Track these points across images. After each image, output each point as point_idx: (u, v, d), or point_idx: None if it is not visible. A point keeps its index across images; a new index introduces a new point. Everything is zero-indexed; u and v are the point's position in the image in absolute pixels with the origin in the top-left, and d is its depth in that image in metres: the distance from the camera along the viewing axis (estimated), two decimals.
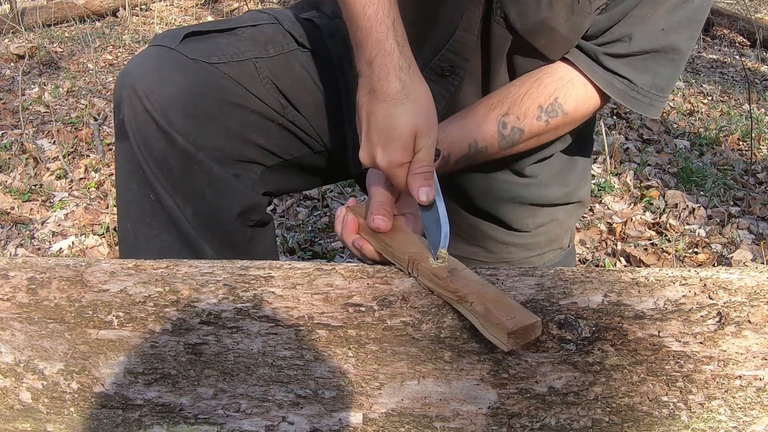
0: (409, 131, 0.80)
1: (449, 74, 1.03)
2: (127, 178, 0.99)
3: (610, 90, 0.98)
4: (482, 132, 0.98)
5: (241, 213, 1.02)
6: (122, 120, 0.96)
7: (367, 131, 0.83)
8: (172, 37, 1.00)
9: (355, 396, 0.66)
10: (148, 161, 0.96)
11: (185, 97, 0.95)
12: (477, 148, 0.98)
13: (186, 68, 0.96)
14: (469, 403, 0.65)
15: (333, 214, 2.26)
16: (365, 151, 0.83)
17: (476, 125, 0.98)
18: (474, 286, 0.70)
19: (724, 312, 0.70)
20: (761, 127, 2.99)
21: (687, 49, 0.98)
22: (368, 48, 0.83)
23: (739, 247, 2.01)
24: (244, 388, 0.67)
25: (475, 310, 0.66)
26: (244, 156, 1.02)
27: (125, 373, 0.69)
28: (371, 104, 0.82)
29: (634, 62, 0.96)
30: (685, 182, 2.49)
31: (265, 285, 0.76)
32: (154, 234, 0.99)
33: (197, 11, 6.23)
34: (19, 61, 4.17)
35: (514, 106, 0.98)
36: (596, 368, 0.67)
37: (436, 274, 0.73)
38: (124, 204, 1.01)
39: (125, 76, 0.97)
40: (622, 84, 0.97)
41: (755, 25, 4.63)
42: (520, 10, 0.95)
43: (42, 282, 0.78)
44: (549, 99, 0.98)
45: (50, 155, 2.75)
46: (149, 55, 0.99)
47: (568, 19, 0.94)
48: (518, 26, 0.96)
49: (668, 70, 0.98)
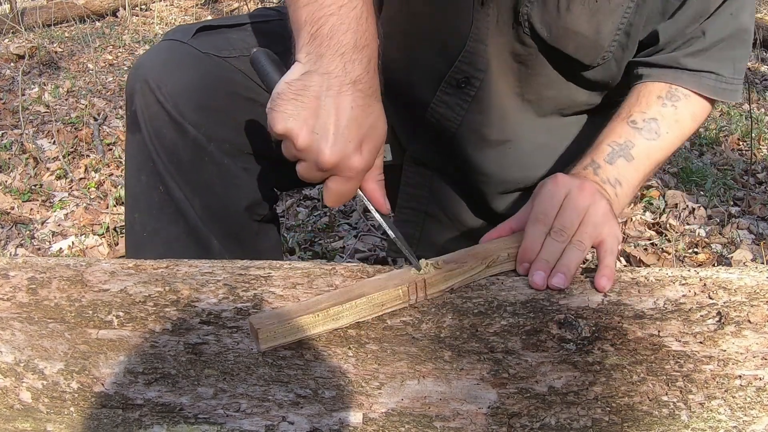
0: (383, 134, 0.78)
1: (464, 85, 1.03)
2: (137, 169, 1.00)
3: (702, 89, 0.97)
4: (615, 132, 0.94)
5: (248, 207, 1.03)
6: (134, 111, 0.97)
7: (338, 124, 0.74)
8: (184, 32, 1.01)
9: (355, 396, 0.66)
10: (159, 152, 0.96)
11: (197, 90, 0.96)
12: (619, 144, 0.93)
13: (198, 61, 0.98)
14: (469, 403, 0.65)
15: (333, 215, 2.26)
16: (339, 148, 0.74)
17: (607, 133, 0.95)
18: (477, 250, 0.79)
19: (724, 312, 0.70)
20: (761, 127, 2.99)
21: (752, 25, 0.99)
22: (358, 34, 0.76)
23: (739, 247, 2.01)
24: (244, 387, 0.67)
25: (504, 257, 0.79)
26: (253, 149, 1.02)
27: (125, 373, 0.69)
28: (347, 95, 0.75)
29: (715, 54, 0.96)
30: (685, 182, 2.49)
31: (265, 285, 0.76)
32: (161, 226, 1.00)
33: (197, 11, 6.23)
34: (19, 61, 4.17)
35: (633, 107, 0.96)
36: (596, 368, 0.67)
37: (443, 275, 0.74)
38: (132, 195, 1.02)
39: (138, 69, 0.98)
40: (710, 79, 0.97)
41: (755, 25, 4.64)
42: (544, 20, 0.95)
43: (42, 282, 0.78)
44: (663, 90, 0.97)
45: (50, 155, 2.75)
46: (162, 49, 1.00)
47: (590, 21, 0.94)
48: (545, 35, 0.96)
49: (743, 50, 0.98)
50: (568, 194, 0.80)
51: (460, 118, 1.06)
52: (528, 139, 1.09)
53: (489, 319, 0.71)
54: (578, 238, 0.78)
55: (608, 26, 0.95)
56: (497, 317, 0.71)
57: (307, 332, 0.69)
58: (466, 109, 1.05)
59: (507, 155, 1.10)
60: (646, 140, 0.93)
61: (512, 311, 0.72)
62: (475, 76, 1.02)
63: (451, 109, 1.06)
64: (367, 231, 2.15)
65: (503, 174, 1.11)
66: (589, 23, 0.94)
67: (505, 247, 0.80)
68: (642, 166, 0.93)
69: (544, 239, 0.78)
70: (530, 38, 0.98)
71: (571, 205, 0.80)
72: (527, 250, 0.78)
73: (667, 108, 0.96)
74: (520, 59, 1.01)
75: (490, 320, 0.71)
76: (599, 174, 0.89)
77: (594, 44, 0.96)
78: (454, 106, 1.06)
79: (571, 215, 0.79)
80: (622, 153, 0.92)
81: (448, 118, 1.07)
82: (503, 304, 0.73)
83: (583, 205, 0.80)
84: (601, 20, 0.94)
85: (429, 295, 0.74)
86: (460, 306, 0.73)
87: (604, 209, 0.81)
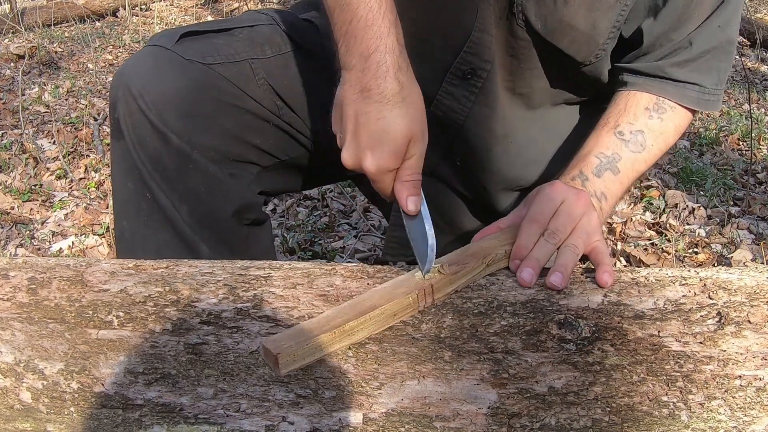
0: (403, 136, 0.78)
1: (471, 76, 1.02)
2: (123, 176, 0.99)
3: (685, 100, 0.98)
4: (602, 143, 0.96)
5: (236, 212, 1.02)
6: (117, 119, 0.97)
7: (355, 132, 0.80)
8: (168, 37, 1.00)
9: (355, 396, 0.66)
10: (144, 160, 0.96)
11: (180, 97, 0.96)
12: (607, 156, 0.95)
13: (181, 68, 0.97)
14: (469, 403, 0.65)
15: (333, 215, 2.26)
16: (351, 153, 0.80)
17: (595, 142, 0.96)
18: (475, 249, 0.80)
19: (724, 312, 0.70)
20: (761, 127, 2.99)
21: (736, 37, 1.00)
22: (366, 40, 0.79)
23: (739, 247, 2.01)
24: (244, 387, 0.67)
25: (501, 255, 0.80)
26: (239, 156, 1.02)
27: (125, 373, 0.69)
28: (362, 103, 0.79)
29: (700, 65, 0.97)
30: (685, 182, 2.49)
31: (265, 285, 0.76)
32: (150, 233, 0.99)
33: (197, 11, 6.23)
34: (19, 61, 4.17)
35: (621, 117, 0.98)
36: (596, 368, 0.67)
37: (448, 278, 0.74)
38: (120, 203, 1.01)
39: (121, 76, 0.97)
40: (693, 91, 0.98)
41: (755, 25, 4.62)
42: (540, 12, 0.94)
43: (42, 282, 0.78)
44: (651, 101, 0.99)
45: (50, 155, 2.75)
46: (145, 55, 0.99)
47: (587, 16, 0.94)
48: (539, 27, 0.95)
49: (726, 63, 1.00)
50: (564, 200, 0.83)
51: (467, 110, 1.05)
52: (523, 132, 1.09)
53: (489, 319, 0.71)
54: (572, 242, 0.81)
55: (604, 23, 0.95)
56: (497, 317, 0.71)
57: (325, 350, 0.68)
58: (473, 101, 1.04)
59: (509, 150, 1.10)
60: (631, 153, 0.96)
61: (512, 311, 0.72)
62: (482, 67, 1.01)
63: (458, 101, 1.05)
64: (367, 231, 2.15)
65: (507, 169, 1.11)
66: (585, 18, 0.94)
67: (501, 245, 0.81)
68: (626, 178, 0.96)
69: (537, 239, 0.81)
70: (524, 31, 0.97)
71: (566, 211, 0.82)
72: (521, 247, 0.80)
73: (654, 120, 0.98)
74: (513, 52, 1.00)
75: (490, 320, 0.71)
76: (587, 187, 0.91)
77: (588, 40, 0.96)
78: (460, 97, 1.04)
79: (565, 221, 0.82)
80: (609, 166, 0.94)
81: (454, 110, 1.05)
82: (503, 304, 0.73)
83: (577, 213, 0.83)
84: (598, 16, 0.94)
85: (436, 300, 0.74)
86: (460, 306, 0.73)
87: (596, 221, 0.84)
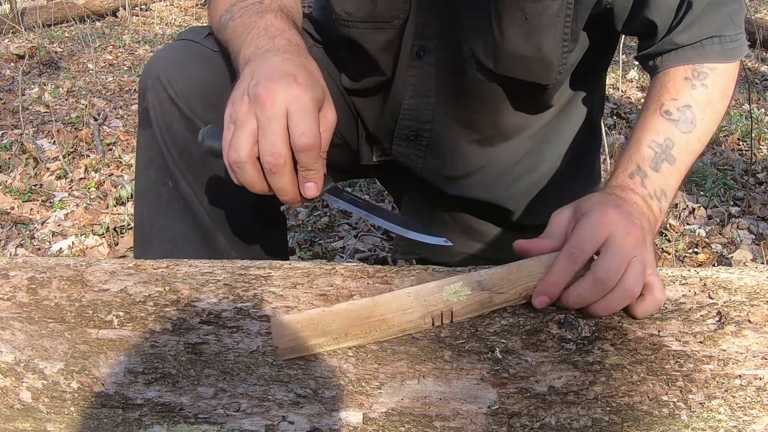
0: (295, 69, 0.77)
1: (414, 138, 1.07)
2: (146, 165, 1.01)
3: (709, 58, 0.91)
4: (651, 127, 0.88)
5: (255, 206, 1.03)
6: (146, 107, 0.98)
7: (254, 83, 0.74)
8: (197, 33, 1.03)
9: (355, 395, 0.66)
10: (170, 148, 0.97)
11: (208, 87, 0.97)
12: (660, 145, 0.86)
13: (209, 60, 0.99)
14: (469, 403, 0.65)
15: (333, 215, 2.26)
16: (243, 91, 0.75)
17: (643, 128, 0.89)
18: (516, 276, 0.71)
19: (724, 311, 0.70)
20: (761, 127, 2.99)
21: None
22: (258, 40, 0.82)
23: (739, 247, 2.01)
24: (244, 387, 0.67)
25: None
26: None
27: (125, 373, 0.69)
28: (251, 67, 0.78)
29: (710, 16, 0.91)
30: (685, 182, 2.49)
31: (265, 285, 0.76)
32: (168, 222, 1.00)
33: (197, 11, 6.23)
34: (19, 61, 4.17)
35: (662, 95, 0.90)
36: (596, 368, 0.67)
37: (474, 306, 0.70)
38: (141, 191, 1.03)
39: (150, 67, 1.00)
40: (714, 44, 0.91)
41: (755, 25, 4.62)
42: (487, 51, 0.95)
43: (42, 282, 0.78)
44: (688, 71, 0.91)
45: (50, 155, 2.75)
46: (174, 47, 1.02)
47: (527, 42, 0.92)
48: (491, 66, 0.96)
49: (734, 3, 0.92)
50: (611, 236, 0.70)
51: (420, 165, 1.10)
52: (493, 164, 1.10)
53: (489, 318, 0.71)
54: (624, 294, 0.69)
55: (549, 41, 0.93)
56: (497, 317, 0.71)
57: (325, 348, 0.69)
58: (423, 157, 1.09)
59: (487, 176, 1.11)
60: (683, 134, 0.87)
61: (512, 311, 0.72)
62: (423, 128, 1.06)
63: (410, 159, 1.10)
64: (367, 231, 2.15)
65: (487, 196, 1.12)
66: (527, 44, 0.93)
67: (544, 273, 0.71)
68: (683, 165, 0.88)
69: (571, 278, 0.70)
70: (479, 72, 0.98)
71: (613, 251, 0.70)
72: (551, 284, 0.69)
73: (697, 90, 0.90)
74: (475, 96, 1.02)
75: (490, 320, 0.71)
76: (647, 186, 0.83)
77: (542, 63, 0.95)
78: (411, 156, 1.10)
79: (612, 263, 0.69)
80: (665, 156, 0.86)
81: (409, 166, 1.11)
82: None
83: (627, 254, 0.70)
84: (539, 38, 0.92)
85: (455, 320, 0.70)
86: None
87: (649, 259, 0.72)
